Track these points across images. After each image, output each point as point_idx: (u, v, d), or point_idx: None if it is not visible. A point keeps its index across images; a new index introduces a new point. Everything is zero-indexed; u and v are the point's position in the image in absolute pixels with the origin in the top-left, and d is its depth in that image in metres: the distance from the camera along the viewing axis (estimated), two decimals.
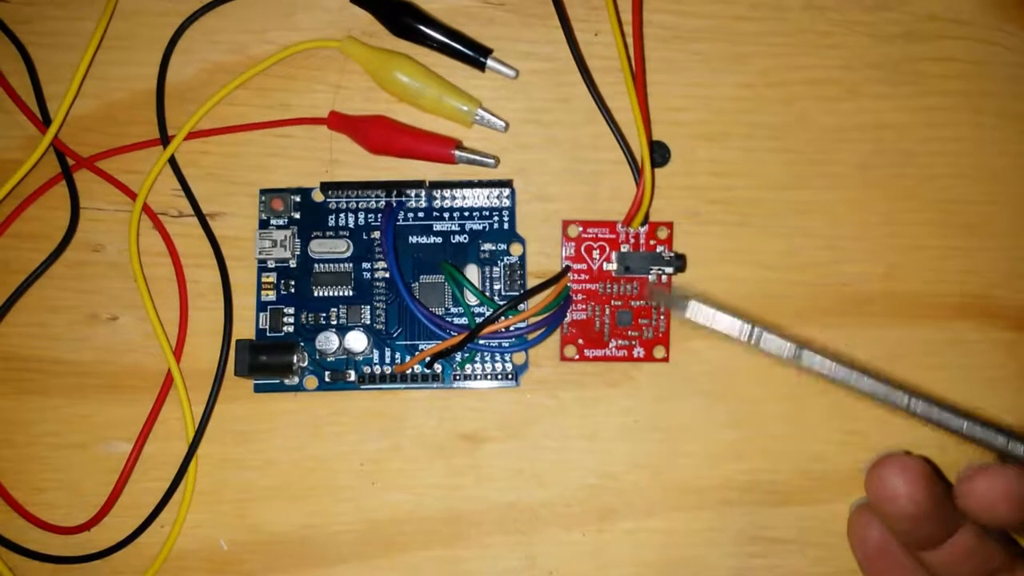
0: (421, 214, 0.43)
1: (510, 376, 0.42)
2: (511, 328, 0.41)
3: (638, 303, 0.42)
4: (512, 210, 0.43)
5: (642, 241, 0.43)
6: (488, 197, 0.43)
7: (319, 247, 0.43)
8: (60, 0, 0.44)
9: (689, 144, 0.44)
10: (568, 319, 0.42)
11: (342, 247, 0.43)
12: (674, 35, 0.44)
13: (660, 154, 0.43)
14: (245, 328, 0.43)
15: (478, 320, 0.41)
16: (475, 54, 0.43)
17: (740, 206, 0.43)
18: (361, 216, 0.43)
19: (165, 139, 0.43)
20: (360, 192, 0.43)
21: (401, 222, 0.43)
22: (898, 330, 0.43)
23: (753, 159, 0.44)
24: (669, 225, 0.43)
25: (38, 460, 0.43)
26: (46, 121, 0.43)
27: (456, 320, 0.42)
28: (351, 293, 0.43)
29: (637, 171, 0.41)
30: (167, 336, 0.42)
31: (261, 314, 0.43)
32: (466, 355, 0.42)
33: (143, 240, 0.43)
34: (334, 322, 0.42)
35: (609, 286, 0.43)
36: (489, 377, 0.42)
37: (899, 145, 0.44)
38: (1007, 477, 0.35)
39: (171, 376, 0.42)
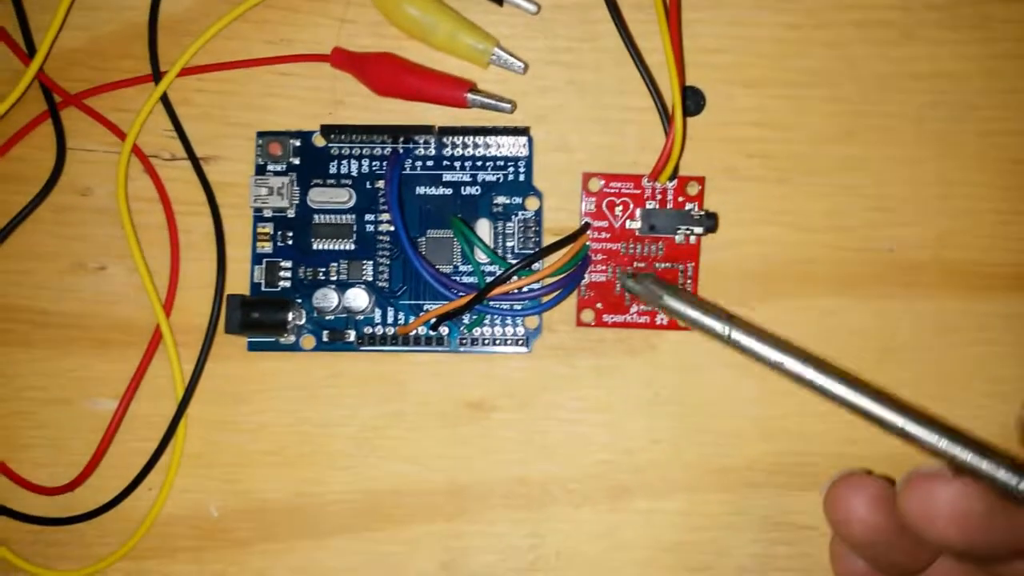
0: (430, 163, 0.40)
1: (521, 341, 0.39)
2: (524, 289, 0.38)
3: (663, 265, 0.39)
4: (529, 160, 0.40)
5: (670, 198, 0.39)
6: (503, 145, 0.39)
7: (319, 196, 0.40)
8: None
9: (726, 91, 0.40)
10: (586, 281, 0.39)
11: (344, 196, 0.40)
12: None
13: (693, 101, 0.40)
14: (239, 282, 0.40)
15: (488, 280, 0.38)
16: None
17: (780, 161, 0.40)
18: (365, 163, 0.40)
19: (157, 75, 0.40)
20: (364, 137, 0.39)
21: (408, 171, 0.40)
22: (949, 301, 0.40)
23: (796, 109, 0.40)
24: (700, 180, 0.39)
25: (22, 415, 0.41)
26: (31, 53, 0.41)
27: (465, 279, 0.39)
28: (353, 247, 0.40)
29: (667, 120, 0.38)
30: (156, 288, 0.40)
31: (256, 267, 0.40)
32: (475, 317, 0.39)
33: (133, 184, 0.40)
34: (334, 278, 0.40)
35: (632, 246, 0.39)
36: (499, 342, 0.39)
37: (958, 97, 0.40)
38: (949, 491, 0.30)
39: (160, 331, 0.40)
